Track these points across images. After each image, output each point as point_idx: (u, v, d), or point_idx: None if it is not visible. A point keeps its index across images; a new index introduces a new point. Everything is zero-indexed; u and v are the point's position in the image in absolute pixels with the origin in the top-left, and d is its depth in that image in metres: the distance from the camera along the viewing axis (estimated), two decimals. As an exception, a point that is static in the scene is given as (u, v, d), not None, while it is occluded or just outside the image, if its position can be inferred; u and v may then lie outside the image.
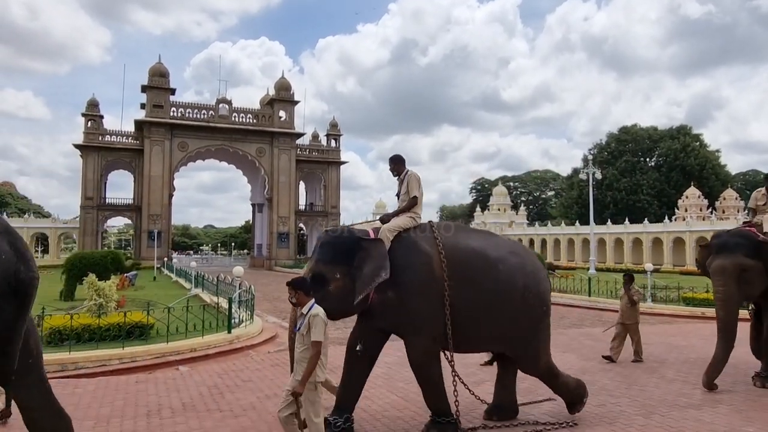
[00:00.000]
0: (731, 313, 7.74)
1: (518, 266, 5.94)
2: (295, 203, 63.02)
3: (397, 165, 6.46)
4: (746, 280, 7.68)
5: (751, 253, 7.68)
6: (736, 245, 7.78)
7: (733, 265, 7.67)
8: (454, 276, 5.61)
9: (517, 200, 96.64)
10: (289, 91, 62.26)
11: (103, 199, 58.23)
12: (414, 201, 6.12)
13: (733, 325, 7.74)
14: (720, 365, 7.69)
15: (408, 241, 5.77)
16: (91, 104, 57.21)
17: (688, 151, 75.65)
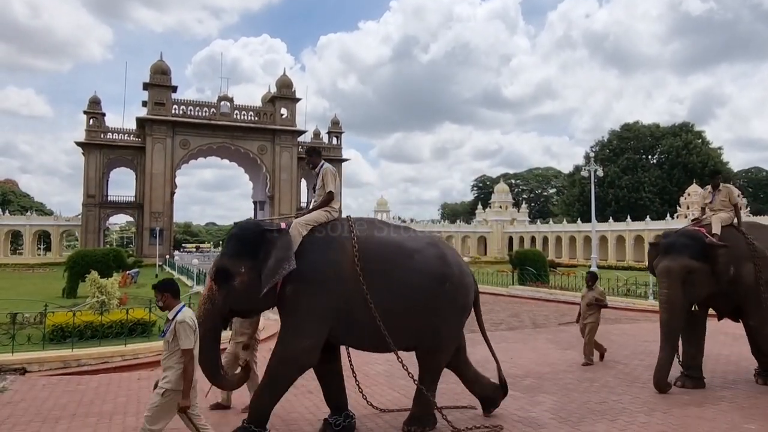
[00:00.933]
0: (675, 317, 7.40)
1: (437, 256, 5.68)
2: (296, 201, 63.05)
3: (313, 158, 6.28)
4: (692, 282, 7.33)
5: (698, 254, 7.32)
6: (683, 246, 7.43)
7: (679, 267, 7.32)
8: (369, 272, 5.36)
9: (518, 198, 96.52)
10: (290, 89, 62.25)
11: (105, 197, 58.32)
12: (330, 196, 5.90)
13: (677, 329, 7.49)
14: (665, 369, 7.42)
15: (322, 237, 5.55)
16: (92, 102, 57.28)
17: (690, 149, 75.53)
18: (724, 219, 7.83)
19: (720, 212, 7.93)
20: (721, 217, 7.81)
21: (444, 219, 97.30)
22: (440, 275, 5.60)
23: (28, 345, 9.68)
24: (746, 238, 7.63)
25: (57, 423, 6.21)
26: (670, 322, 7.42)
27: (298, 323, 5.34)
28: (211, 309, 5.19)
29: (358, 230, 5.62)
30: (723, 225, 7.70)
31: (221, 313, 5.25)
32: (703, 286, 7.39)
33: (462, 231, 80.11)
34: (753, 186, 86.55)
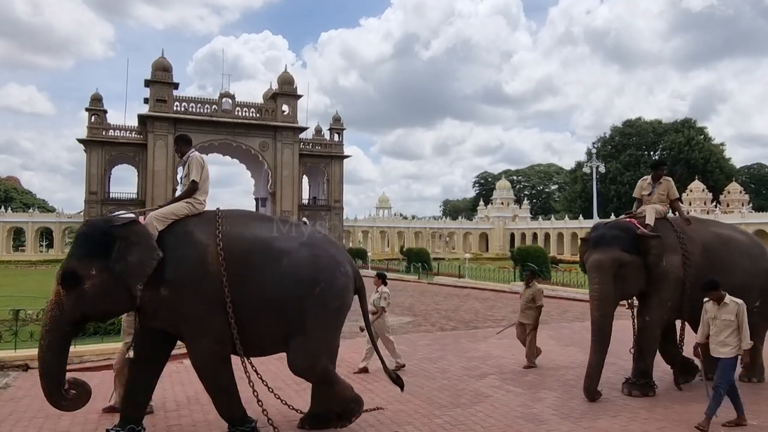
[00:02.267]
0: (606, 314, 6.96)
1: (308, 259, 5.33)
2: (298, 197, 63.03)
3: (181, 146, 5.86)
4: (623, 276, 6.95)
5: (629, 247, 6.96)
6: (613, 239, 7.05)
7: (610, 261, 6.93)
8: (234, 270, 5.04)
9: (520, 194, 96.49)
10: (292, 85, 62.17)
11: (107, 194, 58.34)
12: (193, 186, 5.49)
13: (608, 327, 7.00)
14: (596, 372, 6.96)
15: (181, 231, 5.16)
16: (94, 99, 57.26)
17: (693, 145, 75.40)
18: (659, 211, 7.48)
19: (656, 204, 7.59)
20: (656, 209, 7.47)
21: (445, 216, 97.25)
22: (309, 280, 5.27)
23: (31, 342, 9.68)
24: (677, 232, 7.30)
25: (60, 419, 6.24)
26: (601, 320, 6.95)
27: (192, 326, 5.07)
28: (60, 316, 4.77)
29: (226, 226, 5.24)
30: (657, 216, 7.39)
31: (71, 320, 4.82)
32: (636, 280, 7.03)
33: (463, 227, 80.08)
34: (755, 182, 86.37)
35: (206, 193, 5.65)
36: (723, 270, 7.03)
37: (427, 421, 6.16)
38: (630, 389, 7.18)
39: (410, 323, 14.62)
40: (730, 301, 5.90)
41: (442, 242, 77.12)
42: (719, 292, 5.93)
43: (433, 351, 9.92)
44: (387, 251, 69.79)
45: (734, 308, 5.86)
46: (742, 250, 7.57)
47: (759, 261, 7.61)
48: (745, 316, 5.81)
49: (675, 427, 5.96)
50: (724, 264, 7.24)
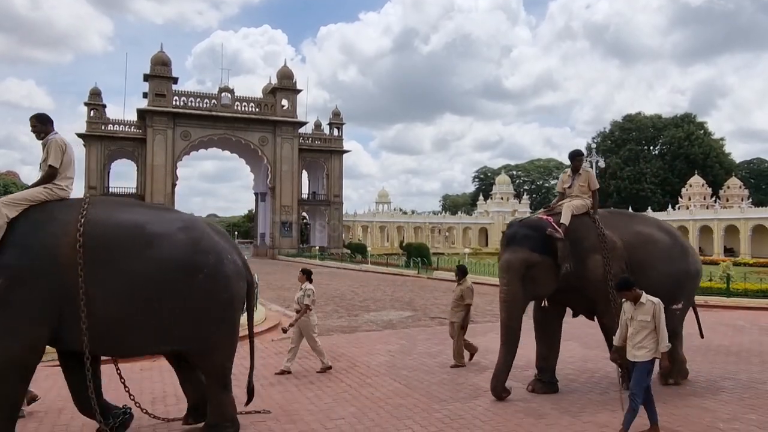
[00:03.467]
0: (514, 317, 6.70)
1: (187, 243, 4.87)
2: (297, 192, 63.02)
3: (40, 125, 5.31)
4: (533, 278, 6.65)
5: (540, 246, 6.63)
6: (524, 237, 6.75)
7: (518, 262, 6.63)
8: (95, 259, 4.58)
9: (520, 189, 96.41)
10: (291, 80, 62.06)
11: (107, 189, 58.28)
12: (51, 171, 4.99)
13: (517, 329, 6.75)
14: (503, 374, 6.71)
15: (35, 218, 4.69)
16: (93, 93, 57.14)
17: (692, 140, 75.31)
18: (576, 206, 7.08)
19: (576, 199, 7.23)
20: (573, 205, 7.08)
21: (445, 210, 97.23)
22: (189, 265, 4.81)
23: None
24: (598, 228, 6.97)
25: (60, 413, 6.25)
26: (509, 322, 6.70)
27: (5, 323, 4.44)
28: None
29: (92, 212, 4.80)
30: (577, 213, 7.03)
31: None
32: (547, 281, 6.71)
33: (463, 222, 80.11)
34: (755, 177, 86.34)
35: (70, 178, 5.17)
36: (642, 270, 6.86)
37: (426, 415, 6.18)
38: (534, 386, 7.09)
39: (410, 318, 14.65)
40: (647, 301, 5.50)
41: (441, 237, 77.17)
42: (634, 292, 5.53)
43: (432, 345, 9.94)
44: (386, 246, 69.80)
45: (650, 308, 5.44)
46: (661, 250, 7.25)
47: (677, 263, 7.30)
48: (662, 316, 5.43)
49: (675, 420, 5.98)
50: (643, 263, 6.98)
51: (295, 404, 6.62)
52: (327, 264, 44.87)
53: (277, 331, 12.58)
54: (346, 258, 46.82)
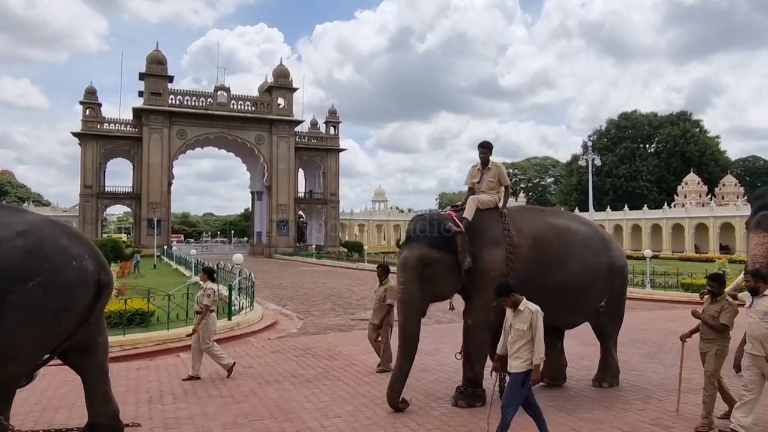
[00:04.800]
0: (411, 318, 6.24)
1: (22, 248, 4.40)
2: (294, 191, 62.99)
3: None
4: (431, 276, 6.21)
5: (438, 242, 6.21)
6: (421, 233, 6.35)
7: (415, 259, 6.21)
8: None
9: (516, 187, 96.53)
10: (287, 79, 62.00)
11: (103, 188, 58.19)
12: None
13: (415, 332, 6.28)
14: (398, 383, 6.19)
15: None
16: (89, 92, 57.01)
17: (688, 138, 75.43)
18: (482, 201, 6.69)
19: (483, 194, 6.80)
20: (479, 199, 6.69)
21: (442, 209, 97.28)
22: (19, 271, 4.35)
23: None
24: (504, 223, 6.53)
25: (56, 412, 6.24)
26: (405, 324, 6.25)
27: None
28: None
29: None
30: (484, 208, 6.63)
31: None
32: (447, 280, 6.29)
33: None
34: (750, 175, 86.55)
35: None
36: (555, 265, 6.55)
37: (423, 413, 6.19)
38: (456, 399, 6.48)
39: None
40: (525, 308, 5.10)
41: (438, 235, 77.07)
42: (513, 297, 5.14)
43: (429, 344, 9.94)
44: (383, 244, 69.82)
45: (528, 317, 5.03)
46: (579, 243, 6.83)
47: (599, 255, 6.92)
48: (539, 325, 5.00)
49: (670, 417, 6.01)
50: (557, 259, 6.59)
51: (292, 402, 6.62)
52: (324, 262, 44.86)
53: (274, 330, 12.59)
54: (342, 256, 46.83)
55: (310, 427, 5.75)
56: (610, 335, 7.29)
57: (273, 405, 6.49)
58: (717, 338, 5.66)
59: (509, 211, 6.82)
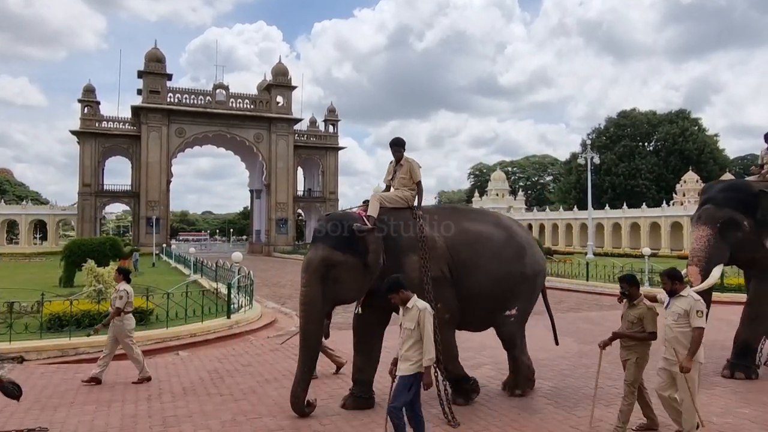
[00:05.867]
0: (312, 321, 5.95)
1: None
2: (293, 189, 62.94)
3: None
4: (335, 279, 5.87)
5: (344, 243, 5.87)
6: (326, 234, 6.01)
7: (318, 260, 5.89)
8: None
9: (515, 185, 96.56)
10: (286, 77, 61.91)
11: (101, 186, 58.10)
12: None
13: (315, 336, 6.05)
14: (300, 389, 5.89)
15: None
16: (87, 90, 56.89)
17: (687, 136, 75.43)
18: (390, 198, 6.43)
19: (397, 191, 6.56)
20: (385, 196, 6.44)
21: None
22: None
23: (26, 334, 9.68)
24: (418, 224, 6.24)
25: (55, 411, 6.24)
26: (306, 329, 5.97)
27: None
28: None
29: None
30: (393, 205, 6.36)
31: None
32: (353, 283, 5.91)
33: (459, 219, 79.97)
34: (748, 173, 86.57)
35: None
36: (467, 271, 6.31)
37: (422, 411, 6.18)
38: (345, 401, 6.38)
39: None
40: (413, 306, 4.81)
41: (437, 233, 77.06)
42: (402, 294, 4.85)
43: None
44: (382, 243, 69.69)
45: (415, 315, 4.75)
46: (491, 250, 6.50)
47: (511, 263, 6.56)
48: (428, 324, 4.72)
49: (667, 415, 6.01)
50: (468, 264, 6.33)
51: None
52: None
53: (273, 329, 12.59)
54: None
55: (309, 425, 5.75)
56: (516, 344, 6.84)
57: (272, 403, 6.50)
58: (637, 345, 5.30)
59: (425, 212, 6.51)
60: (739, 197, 7.81)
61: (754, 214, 7.67)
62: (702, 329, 5.03)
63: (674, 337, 5.06)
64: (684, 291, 5.15)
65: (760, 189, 7.85)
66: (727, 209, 7.68)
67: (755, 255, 7.83)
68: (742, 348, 7.85)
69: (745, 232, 7.61)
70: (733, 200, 7.77)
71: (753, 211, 7.68)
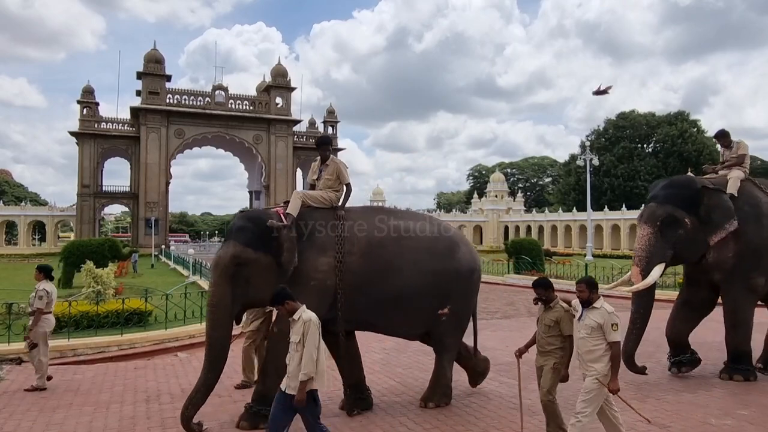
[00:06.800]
0: (220, 324, 5.54)
1: None
2: (292, 190, 62.79)
3: None
4: (247, 278, 5.51)
5: (256, 241, 5.55)
6: (239, 231, 5.71)
7: (228, 258, 5.54)
8: None
9: (514, 187, 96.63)
10: (285, 78, 61.92)
11: (100, 187, 58.06)
12: None
13: (223, 342, 5.61)
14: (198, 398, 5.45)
15: None
16: (86, 91, 56.86)
17: (686, 137, 75.57)
18: (312, 197, 6.13)
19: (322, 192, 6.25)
20: (305, 194, 6.14)
21: (440, 208, 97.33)
22: None
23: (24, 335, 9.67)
24: (339, 224, 5.93)
25: (54, 412, 6.23)
26: (212, 332, 5.55)
27: None
28: None
29: None
30: (317, 206, 6.08)
31: None
32: (265, 284, 5.44)
33: (458, 220, 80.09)
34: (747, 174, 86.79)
35: None
36: (391, 272, 5.99)
37: (420, 412, 6.20)
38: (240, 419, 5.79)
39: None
40: (299, 317, 4.46)
41: (436, 235, 77.07)
42: (288, 305, 4.52)
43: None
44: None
45: (300, 327, 4.41)
46: (419, 248, 6.21)
47: (442, 260, 6.28)
48: (311, 335, 4.34)
49: (668, 416, 6.02)
50: (393, 265, 6.02)
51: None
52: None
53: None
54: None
55: (308, 427, 5.73)
56: (447, 348, 6.49)
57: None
58: (556, 350, 5.06)
59: (348, 213, 6.20)
60: (680, 194, 7.52)
61: (697, 212, 7.38)
62: (619, 343, 4.70)
63: (588, 351, 4.69)
64: (597, 302, 4.79)
65: (702, 185, 7.59)
66: (668, 206, 7.41)
67: (700, 254, 7.50)
68: (735, 353, 7.70)
69: (687, 230, 7.32)
70: (675, 197, 7.48)
71: (695, 208, 7.39)
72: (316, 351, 4.34)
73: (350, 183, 6.41)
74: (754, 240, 7.43)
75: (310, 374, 4.30)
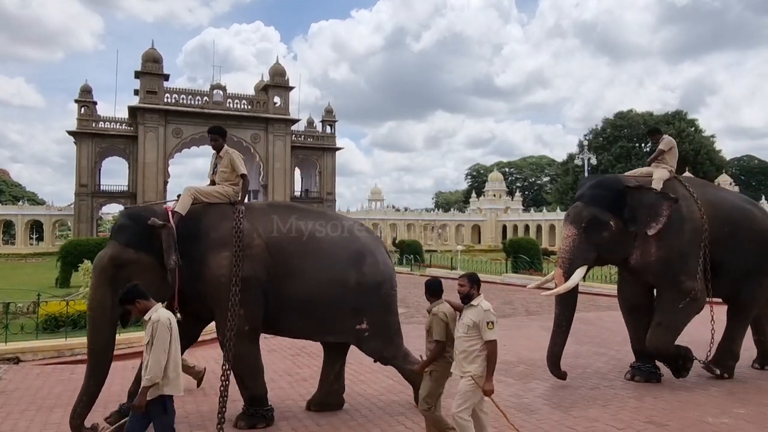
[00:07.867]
0: (100, 330, 5.28)
1: None
2: (290, 190, 62.86)
3: None
4: (128, 280, 4.98)
5: (137, 240, 5.28)
6: (119, 229, 5.46)
7: (107, 259, 5.26)
8: None
9: (512, 186, 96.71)
10: (283, 77, 61.85)
11: (98, 186, 57.93)
12: None
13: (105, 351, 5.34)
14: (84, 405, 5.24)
15: None
16: (84, 91, 56.72)
17: (684, 137, 75.62)
18: (205, 193, 5.84)
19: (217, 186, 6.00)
20: (202, 191, 5.84)
21: (438, 208, 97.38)
22: None
23: (22, 334, 9.66)
24: (236, 220, 5.63)
25: (51, 412, 6.23)
26: (94, 337, 5.33)
27: None
28: None
29: None
30: (211, 201, 5.81)
31: None
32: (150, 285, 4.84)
33: (456, 219, 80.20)
34: (745, 174, 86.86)
35: None
36: (291, 274, 5.67)
37: (418, 411, 6.19)
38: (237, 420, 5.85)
39: (403, 315, 14.64)
40: (149, 317, 4.19)
41: (434, 234, 77.22)
42: (139, 304, 4.23)
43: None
44: (379, 243, 69.62)
45: (149, 329, 4.15)
46: (321, 253, 5.82)
47: (345, 269, 5.83)
48: (158, 338, 4.05)
49: (665, 415, 6.03)
50: (293, 267, 5.70)
51: (288, 401, 6.63)
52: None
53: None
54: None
55: (306, 426, 5.75)
56: (389, 358, 6.12)
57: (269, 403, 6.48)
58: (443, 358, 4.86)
59: (248, 208, 5.90)
60: (606, 195, 7.28)
61: (621, 213, 7.17)
62: (494, 342, 4.51)
63: (463, 351, 4.54)
64: (476, 300, 4.68)
65: (626, 185, 7.34)
66: (593, 208, 7.20)
67: (624, 256, 7.30)
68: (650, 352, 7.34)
69: (611, 233, 7.12)
70: (600, 198, 7.27)
71: (620, 210, 7.18)
72: (164, 354, 4.04)
73: (246, 174, 6.08)
74: (676, 244, 7.13)
75: (154, 380, 4.01)
